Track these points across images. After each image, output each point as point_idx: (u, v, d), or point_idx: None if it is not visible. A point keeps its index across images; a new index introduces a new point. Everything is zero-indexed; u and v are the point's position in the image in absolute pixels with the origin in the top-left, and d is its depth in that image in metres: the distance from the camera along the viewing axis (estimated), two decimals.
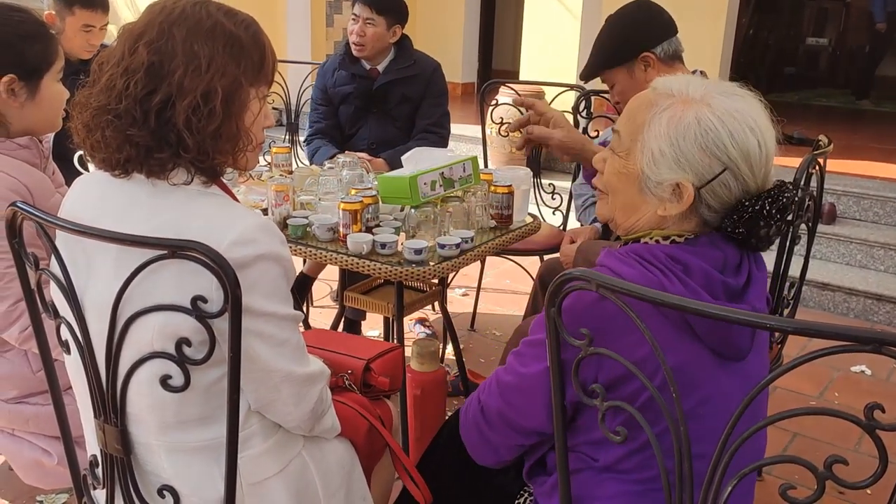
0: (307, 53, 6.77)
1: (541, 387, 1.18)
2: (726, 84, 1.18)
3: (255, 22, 1.20)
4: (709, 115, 1.12)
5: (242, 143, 1.17)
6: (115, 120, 1.11)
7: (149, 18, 1.13)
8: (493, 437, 1.28)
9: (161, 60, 1.10)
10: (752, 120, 1.13)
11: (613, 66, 2.11)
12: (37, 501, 2.17)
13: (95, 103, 1.13)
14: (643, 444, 1.14)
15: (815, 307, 3.84)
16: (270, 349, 1.14)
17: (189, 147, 1.11)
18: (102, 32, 2.79)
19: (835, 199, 4.21)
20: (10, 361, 1.59)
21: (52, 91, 1.58)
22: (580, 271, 0.99)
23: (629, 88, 2.06)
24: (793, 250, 1.95)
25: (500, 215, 2.23)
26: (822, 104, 8.36)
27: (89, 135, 1.14)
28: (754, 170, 1.13)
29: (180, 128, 1.10)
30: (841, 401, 2.93)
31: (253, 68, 1.16)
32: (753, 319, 0.86)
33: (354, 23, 2.94)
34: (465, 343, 3.21)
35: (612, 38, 2.11)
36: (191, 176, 1.15)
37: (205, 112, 1.10)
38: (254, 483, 1.21)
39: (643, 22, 2.10)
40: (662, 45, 2.07)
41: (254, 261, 1.09)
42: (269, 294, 1.12)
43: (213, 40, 1.12)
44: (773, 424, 0.93)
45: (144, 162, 1.12)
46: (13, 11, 1.55)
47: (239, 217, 1.12)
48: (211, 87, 1.10)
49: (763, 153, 1.14)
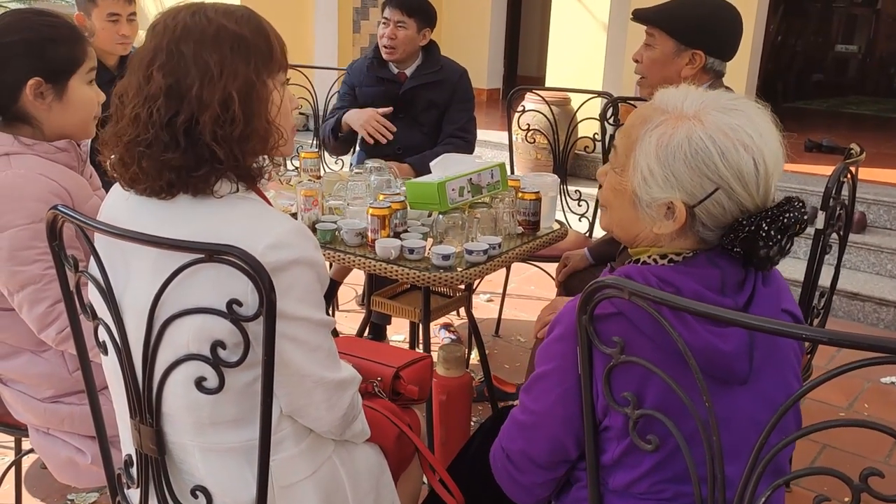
0: (334, 59, 6.82)
1: (557, 418, 1.19)
2: (727, 97, 1.14)
3: (254, 13, 1.20)
4: (699, 133, 1.08)
5: (274, 138, 1.18)
6: (147, 150, 1.12)
7: (155, 42, 1.13)
8: (524, 479, 1.27)
9: (177, 80, 1.11)
10: (747, 136, 1.08)
11: (670, 32, 2.04)
12: (67, 500, 2.21)
13: (126, 137, 1.14)
14: (651, 468, 1.14)
15: (845, 317, 3.79)
16: (303, 354, 1.15)
17: (221, 158, 1.12)
18: (133, 25, 2.77)
19: (865, 207, 4.16)
20: (47, 361, 1.62)
21: (81, 93, 1.59)
22: (612, 279, 0.99)
23: (662, 61, 2.03)
24: (823, 260, 1.93)
25: (527, 222, 2.24)
26: (852, 112, 8.25)
27: (126, 169, 1.15)
28: (749, 188, 1.09)
29: (208, 141, 1.11)
30: (870, 412, 2.89)
31: (263, 60, 1.16)
32: (787, 329, 0.85)
33: (385, 26, 2.96)
34: (489, 349, 3.21)
35: (695, 13, 2.04)
36: (235, 185, 1.16)
37: (227, 119, 1.11)
38: (285, 486, 1.22)
39: (725, 29, 2.05)
40: (716, 59, 2.04)
41: (289, 265, 1.10)
42: (303, 298, 1.13)
43: (219, 45, 1.12)
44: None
45: (187, 182, 1.13)
46: (38, 15, 1.57)
47: (275, 221, 1.13)
48: (227, 93, 1.11)
49: (760, 171, 1.09)
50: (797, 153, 5.22)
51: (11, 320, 1.58)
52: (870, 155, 2.23)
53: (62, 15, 1.63)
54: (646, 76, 2.11)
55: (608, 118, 3.11)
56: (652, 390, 1.09)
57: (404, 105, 3.06)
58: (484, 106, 7.54)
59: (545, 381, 1.19)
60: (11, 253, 1.47)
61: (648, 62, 2.08)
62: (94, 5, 2.67)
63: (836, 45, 9.71)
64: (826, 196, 1.81)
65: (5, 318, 1.59)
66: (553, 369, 1.19)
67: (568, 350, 1.15)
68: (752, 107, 1.14)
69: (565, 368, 1.16)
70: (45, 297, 1.49)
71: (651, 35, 2.08)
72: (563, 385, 1.17)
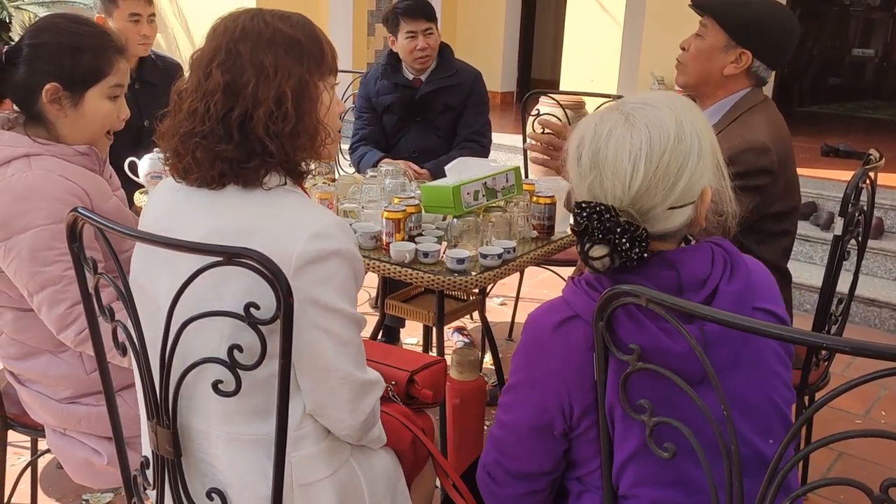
0: (348, 62, 6.84)
1: (528, 429, 1.20)
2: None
3: (308, 20, 1.27)
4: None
5: (321, 136, 1.24)
6: (202, 141, 1.18)
7: (215, 43, 1.20)
8: (502, 492, 1.28)
9: (234, 78, 1.17)
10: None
11: (724, 26, 1.97)
12: (83, 500, 2.22)
13: (182, 130, 1.20)
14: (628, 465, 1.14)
15: (861, 323, 3.76)
16: (335, 347, 1.17)
17: (272, 152, 1.18)
18: (152, 26, 2.81)
19: (882, 213, 4.13)
20: (65, 362, 1.63)
21: (98, 105, 1.59)
22: (629, 286, 0.99)
23: (709, 54, 1.97)
24: (841, 266, 1.92)
25: (541, 226, 2.23)
26: (868, 116, 8.19)
27: (180, 159, 1.21)
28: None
29: (261, 135, 1.17)
30: (888, 419, 2.86)
31: (315, 63, 1.23)
32: (807, 338, 0.85)
33: (413, 38, 2.96)
34: (503, 352, 3.20)
35: (753, 11, 1.97)
36: (283, 178, 1.22)
37: (280, 116, 1.17)
38: (304, 484, 1.23)
39: (780, 35, 1.98)
40: (762, 64, 1.98)
41: (330, 255, 1.14)
42: (340, 290, 1.17)
43: (274, 47, 1.19)
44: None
45: (238, 173, 1.19)
46: (73, 22, 1.59)
47: (319, 213, 1.20)
48: (281, 91, 1.17)
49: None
50: (814, 158, 5.19)
51: (31, 321, 1.59)
52: (887, 160, 2.22)
53: (95, 25, 1.64)
54: (687, 64, 2.04)
55: None
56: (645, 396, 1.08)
57: (420, 109, 3.06)
58: (498, 109, 7.53)
59: (515, 392, 1.22)
60: (32, 254, 1.49)
61: (694, 52, 2.01)
62: (115, 6, 2.71)
63: (853, 49, 9.64)
64: (845, 202, 1.80)
65: (24, 318, 1.60)
66: (522, 381, 1.20)
67: (531, 361, 1.18)
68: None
69: (532, 379, 1.18)
70: (64, 298, 1.50)
71: (704, 26, 2.02)
72: (532, 394, 1.18)
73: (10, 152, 1.53)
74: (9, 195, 1.49)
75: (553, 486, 1.27)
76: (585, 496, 1.22)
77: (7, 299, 1.59)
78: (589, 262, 1.11)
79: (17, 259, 1.49)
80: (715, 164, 1.16)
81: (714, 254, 1.16)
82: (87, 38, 1.57)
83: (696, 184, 1.12)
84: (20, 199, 1.49)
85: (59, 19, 1.61)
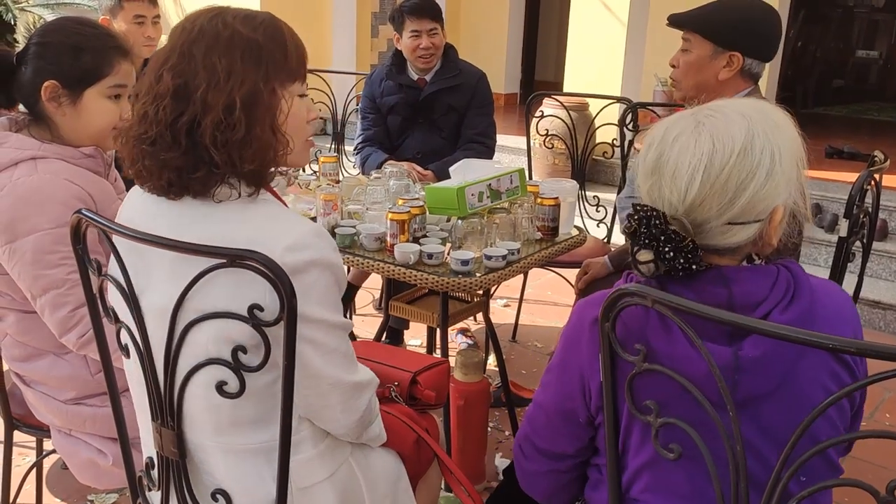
0: (352, 64, 6.85)
1: (556, 411, 1.22)
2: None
3: (275, 20, 1.19)
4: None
5: (279, 146, 1.16)
6: (149, 147, 1.12)
7: (171, 44, 1.15)
8: (528, 466, 1.30)
9: (185, 82, 1.11)
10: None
11: (706, 35, 1.99)
12: (88, 500, 2.23)
13: (133, 134, 1.15)
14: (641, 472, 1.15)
15: (867, 325, 3.75)
16: (321, 356, 1.15)
17: (217, 163, 1.11)
18: (157, 27, 2.83)
19: (886, 215, 4.12)
20: (69, 363, 1.63)
21: (97, 105, 1.59)
22: (635, 287, 0.99)
23: (698, 65, 1.99)
24: (846, 268, 1.91)
25: (546, 227, 2.23)
26: (872, 118, 8.17)
27: (133, 165, 1.16)
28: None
29: (207, 144, 1.10)
30: (892, 421, 2.85)
31: (275, 67, 1.15)
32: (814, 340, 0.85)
33: (416, 37, 2.96)
34: (506, 354, 3.20)
35: (731, 15, 1.99)
36: (236, 191, 1.15)
37: (229, 124, 1.10)
38: (303, 488, 1.23)
39: (762, 28, 2.00)
40: (754, 61, 1.99)
41: (307, 266, 1.10)
42: (321, 300, 1.13)
43: (230, 50, 1.12)
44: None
45: (185, 184, 1.13)
46: (75, 23, 1.60)
47: (293, 223, 1.14)
48: (231, 99, 1.10)
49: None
50: (818, 159, 5.18)
51: (34, 323, 1.59)
52: (892, 162, 2.21)
53: (101, 27, 1.64)
54: (680, 80, 2.07)
55: (627, 124, 3.10)
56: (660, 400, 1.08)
57: (424, 110, 3.07)
58: (502, 111, 7.54)
59: (550, 373, 1.24)
60: (35, 256, 1.49)
61: (684, 66, 2.04)
62: (119, 8, 2.73)
63: (857, 50, 9.62)
64: (850, 204, 1.80)
65: (28, 320, 1.60)
66: (557, 364, 1.23)
67: (566, 348, 1.20)
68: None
69: (564, 366, 1.20)
70: (66, 301, 1.50)
71: (687, 40, 2.04)
72: (563, 379, 1.20)
73: (17, 155, 1.53)
74: (14, 198, 1.49)
75: (577, 469, 1.28)
76: (602, 487, 1.22)
77: (11, 301, 1.59)
78: (636, 266, 1.09)
79: (20, 262, 1.50)
80: (794, 183, 1.08)
81: (778, 277, 1.08)
82: (89, 38, 1.58)
83: (762, 202, 1.05)
84: (25, 202, 1.49)
85: (66, 21, 1.63)
